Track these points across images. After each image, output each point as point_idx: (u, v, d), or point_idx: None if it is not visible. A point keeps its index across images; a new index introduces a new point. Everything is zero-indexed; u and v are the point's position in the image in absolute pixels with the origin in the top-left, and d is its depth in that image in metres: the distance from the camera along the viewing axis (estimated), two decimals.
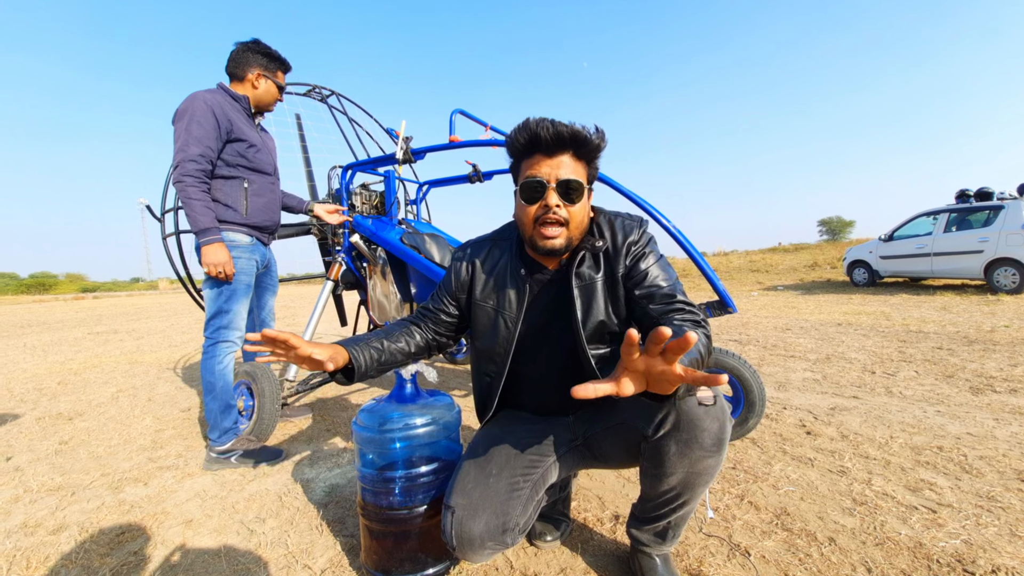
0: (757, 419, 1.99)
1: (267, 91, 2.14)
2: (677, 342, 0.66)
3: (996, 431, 2.07)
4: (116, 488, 1.86)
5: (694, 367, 0.85)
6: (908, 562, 1.24)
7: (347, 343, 1.12)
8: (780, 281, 12.50)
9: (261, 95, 2.13)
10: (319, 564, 1.33)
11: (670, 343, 0.67)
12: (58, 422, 2.77)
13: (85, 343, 6.38)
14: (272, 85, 2.14)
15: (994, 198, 7.86)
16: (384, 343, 1.19)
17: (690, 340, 0.64)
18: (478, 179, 2.84)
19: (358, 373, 1.11)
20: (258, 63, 2.08)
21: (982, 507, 1.48)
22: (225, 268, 1.94)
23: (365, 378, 1.14)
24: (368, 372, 1.14)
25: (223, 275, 1.95)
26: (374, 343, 1.17)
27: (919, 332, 4.52)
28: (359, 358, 1.11)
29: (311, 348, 1.00)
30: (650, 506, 1.12)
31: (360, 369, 1.11)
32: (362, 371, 1.12)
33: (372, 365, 1.14)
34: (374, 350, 1.15)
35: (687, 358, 0.86)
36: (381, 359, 1.17)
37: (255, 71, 2.08)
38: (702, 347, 0.94)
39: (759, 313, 6.55)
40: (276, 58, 2.13)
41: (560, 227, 1.10)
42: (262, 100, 2.15)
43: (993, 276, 7.44)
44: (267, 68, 2.11)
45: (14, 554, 1.43)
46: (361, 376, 1.12)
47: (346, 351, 1.09)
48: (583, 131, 1.08)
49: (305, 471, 1.94)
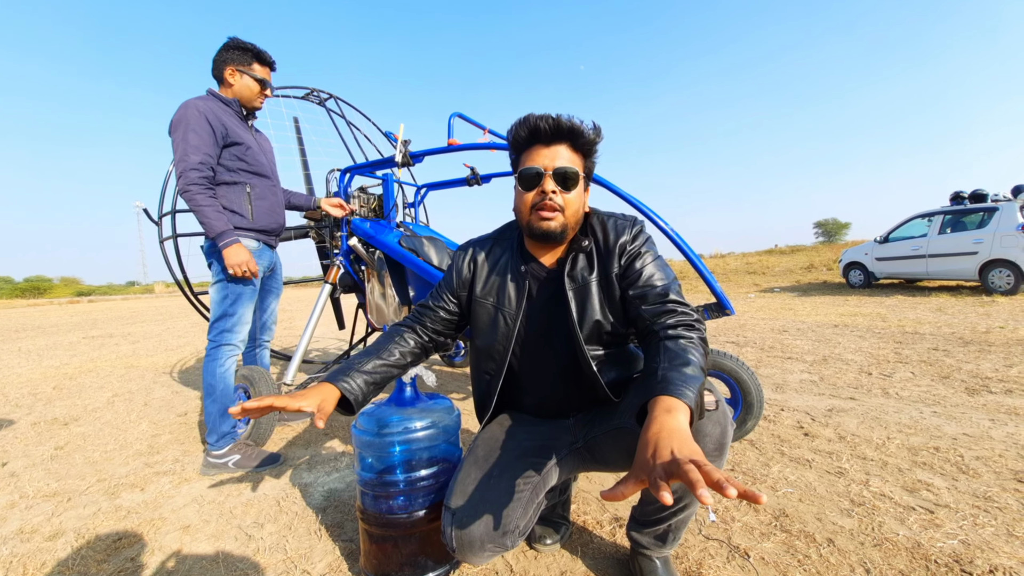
0: (755, 421, 2.00)
1: (244, 86, 2.07)
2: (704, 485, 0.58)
3: (992, 431, 2.08)
4: (112, 493, 1.85)
5: (699, 387, 0.87)
6: (906, 562, 1.24)
7: (335, 378, 1.10)
8: (777, 283, 12.55)
9: (239, 91, 2.08)
10: (318, 569, 1.32)
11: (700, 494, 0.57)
12: (53, 427, 2.75)
13: (80, 347, 6.34)
14: (248, 79, 2.07)
15: (988, 200, 7.93)
16: (375, 362, 1.18)
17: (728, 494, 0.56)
18: (476, 182, 2.84)
19: (356, 404, 1.11)
20: (230, 59, 2.04)
21: (979, 507, 1.49)
22: (249, 266, 1.95)
23: (367, 403, 1.15)
24: (367, 397, 1.14)
25: (248, 273, 1.97)
26: (365, 366, 1.15)
27: (915, 333, 4.54)
28: (353, 390, 1.10)
29: (299, 402, 0.98)
30: (650, 509, 1.12)
31: (357, 400, 1.11)
32: (359, 400, 1.12)
33: (368, 390, 1.14)
34: (365, 374, 1.14)
35: (696, 384, 0.86)
36: (375, 379, 1.16)
37: (229, 68, 2.04)
38: (700, 356, 0.95)
39: (756, 315, 6.58)
40: (247, 49, 2.05)
41: (555, 211, 1.13)
42: (242, 96, 2.09)
43: (988, 277, 7.49)
44: (239, 62, 2.05)
45: (10, 560, 1.42)
46: (361, 405, 1.12)
47: (336, 388, 1.08)
48: (579, 123, 1.11)
49: (303, 475, 1.94)
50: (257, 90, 2.11)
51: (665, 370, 0.91)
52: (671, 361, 0.93)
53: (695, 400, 0.83)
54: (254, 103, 2.14)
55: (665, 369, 0.91)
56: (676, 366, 0.91)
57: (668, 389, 0.84)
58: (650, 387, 0.88)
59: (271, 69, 2.15)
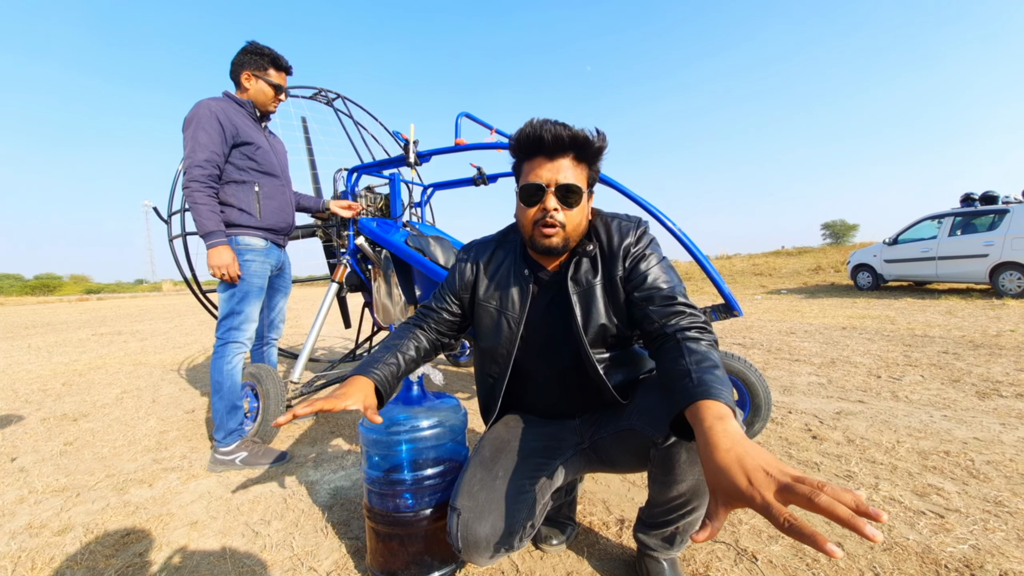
0: (763, 423, 1.98)
1: (259, 90, 2.10)
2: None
3: (1003, 436, 2.05)
4: (121, 489, 1.86)
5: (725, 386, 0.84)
6: (916, 567, 1.23)
7: (368, 372, 1.11)
8: (783, 285, 12.48)
9: (254, 95, 2.11)
10: (324, 567, 1.33)
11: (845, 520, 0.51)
12: (63, 423, 2.78)
13: (89, 344, 6.40)
14: (263, 83, 2.09)
15: (999, 202, 7.84)
16: (398, 356, 1.19)
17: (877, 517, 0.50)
18: (483, 182, 2.84)
19: (386, 396, 1.13)
20: (247, 63, 2.07)
21: (989, 512, 1.47)
22: (228, 270, 1.96)
23: (393, 396, 1.18)
24: (394, 390, 1.17)
25: (227, 276, 1.97)
26: (390, 360, 1.17)
27: (924, 336, 4.50)
28: (385, 384, 1.12)
29: (344, 403, 1.00)
30: (658, 511, 1.11)
31: (387, 394, 1.13)
32: (389, 393, 1.14)
33: (394, 384, 1.16)
34: (392, 366, 1.16)
35: (729, 389, 0.84)
36: (399, 373, 1.18)
37: (245, 72, 2.07)
38: (720, 360, 0.93)
39: (763, 317, 6.54)
40: (265, 55, 2.08)
41: (557, 227, 1.11)
42: (257, 100, 2.12)
43: (998, 280, 7.41)
44: (256, 66, 2.08)
45: (19, 555, 1.43)
46: (389, 396, 1.14)
47: (370, 380, 1.09)
48: (584, 134, 1.08)
49: (310, 473, 1.94)
50: (272, 95, 2.13)
51: (699, 372, 0.86)
52: (699, 363, 0.89)
53: (731, 399, 0.81)
54: (268, 107, 2.16)
55: (698, 371, 0.87)
56: (707, 368, 0.88)
57: (711, 393, 0.80)
58: (683, 389, 0.84)
59: (287, 74, 2.18)
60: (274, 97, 2.15)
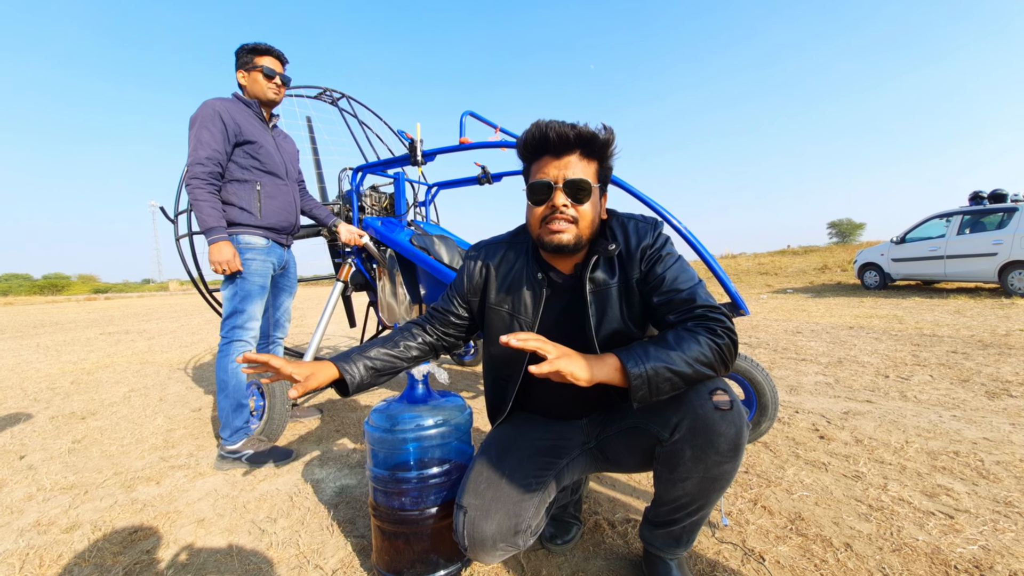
0: (770, 423, 1.97)
1: (253, 81, 2.10)
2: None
3: (1013, 436, 2.03)
4: (128, 487, 1.87)
5: (663, 368, 0.93)
6: (926, 568, 1.22)
7: (337, 359, 1.16)
8: (789, 284, 12.41)
9: (253, 90, 2.11)
10: (330, 564, 1.33)
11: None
12: (71, 421, 2.80)
13: (97, 343, 6.46)
14: (254, 74, 2.08)
15: (1008, 200, 7.76)
16: (379, 350, 1.21)
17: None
18: (487, 181, 2.84)
19: (352, 385, 1.15)
20: (237, 64, 2.10)
21: (999, 512, 1.46)
22: (229, 265, 1.97)
23: (363, 389, 1.18)
24: (365, 381, 1.18)
25: (228, 271, 2.00)
26: (369, 353, 1.20)
27: (933, 336, 4.46)
28: (351, 371, 1.15)
29: (290, 368, 1.06)
30: (664, 510, 1.10)
31: (353, 381, 1.15)
32: (355, 383, 1.16)
33: (368, 375, 1.18)
34: (367, 359, 1.19)
35: (658, 364, 0.93)
36: (376, 366, 1.20)
37: (239, 72, 2.10)
38: (699, 350, 0.94)
39: (769, 316, 6.50)
40: (247, 48, 2.08)
41: (568, 223, 1.09)
42: (256, 93, 2.12)
43: (1007, 279, 7.33)
44: (243, 62, 2.09)
45: (27, 552, 1.45)
46: (357, 388, 1.16)
47: (335, 366, 1.14)
48: (589, 129, 1.07)
49: (315, 471, 1.95)
50: (264, 81, 2.11)
51: (643, 343, 0.98)
52: (656, 340, 0.99)
53: (645, 371, 0.91)
54: (268, 95, 2.13)
55: (644, 342, 0.98)
56: (654, 342, 0.97)
57: (620, 352, 0.95)
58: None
59: (276, 58, 2.13)
60: (269, 82, 2.11)
